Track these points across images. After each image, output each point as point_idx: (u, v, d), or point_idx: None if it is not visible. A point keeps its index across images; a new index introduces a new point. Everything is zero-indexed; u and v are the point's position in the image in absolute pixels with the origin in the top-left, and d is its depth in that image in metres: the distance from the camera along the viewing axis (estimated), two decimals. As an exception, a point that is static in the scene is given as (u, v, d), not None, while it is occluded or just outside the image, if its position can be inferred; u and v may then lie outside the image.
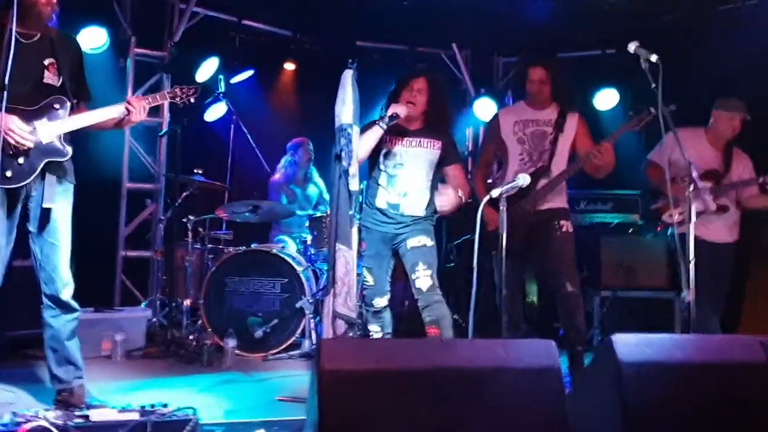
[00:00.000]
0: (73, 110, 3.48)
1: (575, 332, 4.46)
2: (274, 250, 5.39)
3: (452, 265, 6.51)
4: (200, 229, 5.86)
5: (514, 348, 2.24)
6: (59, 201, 3.44)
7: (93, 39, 5.85)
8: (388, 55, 7.29)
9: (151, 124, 6.35)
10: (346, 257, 3.78)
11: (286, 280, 5.29)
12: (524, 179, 3.54)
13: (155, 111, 6.29)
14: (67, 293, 3.50)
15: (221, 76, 5.79)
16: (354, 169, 3.83)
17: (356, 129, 3.88)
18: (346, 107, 3.84)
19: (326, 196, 6.75)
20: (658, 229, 5.77)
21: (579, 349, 4.48)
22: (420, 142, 4.23)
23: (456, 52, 7.47)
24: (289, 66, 7.20)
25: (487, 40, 7.29)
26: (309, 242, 5.74)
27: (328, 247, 3.98)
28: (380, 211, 4.28)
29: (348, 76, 3.88)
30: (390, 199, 4.23)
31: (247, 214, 5.60)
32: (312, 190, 6.70)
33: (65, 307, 3.51)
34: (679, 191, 4.16)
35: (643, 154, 5.17)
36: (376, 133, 4.05)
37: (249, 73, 6.76)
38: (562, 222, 4.58)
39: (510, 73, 7.68)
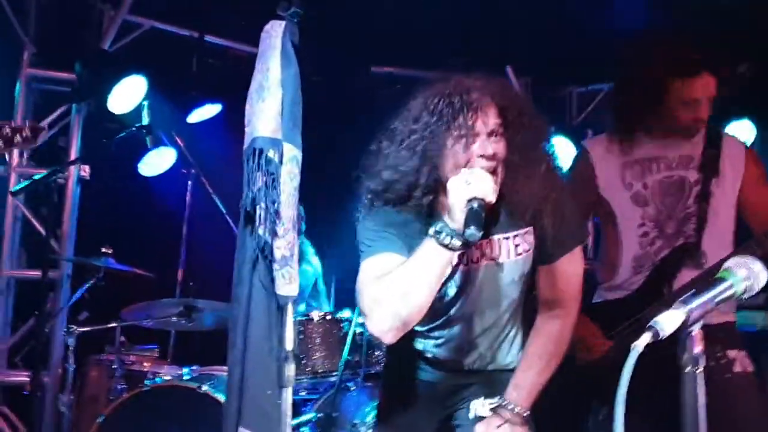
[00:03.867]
0: None
1: None
2: (204, 387, 3.12)
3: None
4: (123, 340, 3.72)
5: None
6: None
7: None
8: (416, 84, 5.30)
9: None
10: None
11: (223, 440, 2.99)
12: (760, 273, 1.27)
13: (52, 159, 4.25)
14: None
15: (145, 102, 3.75)
16: (284, 246, 1.60)
17: (293, 152, 1.66)
18: (267, 103, 1.64)
19: (322, 286, 4.65)
20: None
21: None
22: (492, 246, 1.89)
23: (512, 80, 5.53)
24: None
25: (554, 63, 5.49)
26: None
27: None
28: (422, 357, 2.08)
29: (275, 36, 1.70)
30: (439, 353, 2.05)
31: (174, 319, 3.42)
32: (303, 274, 4.56)
33: None
34: None
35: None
36: (440, 261, 1.69)
37: (214, 109, 4.75)
38: (731, 353, 2.38)
39: (589, 107, 5.63)
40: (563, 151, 5.14)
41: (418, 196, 1.78)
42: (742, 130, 4.74)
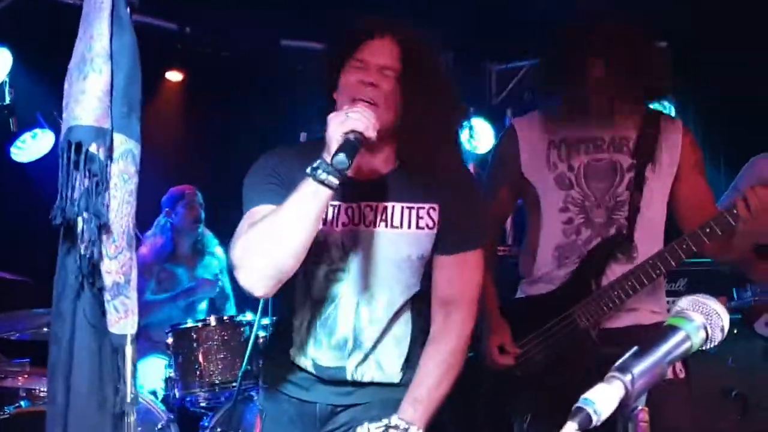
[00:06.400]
0: None
1: None
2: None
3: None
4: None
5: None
6: None
7: None
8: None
9: None
10: None
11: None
12: (721, 315, 0.98)
13: None
14: None
15: (6, 80, 3.25)
16: (117, 269, 1.22)
17: (126, 146, 1.28)
18: (90, 81, 1.25)
19: (227, 281, 4.28)
20: None
21: None
22: (389, 210, 1.73)
23: None
24: (174, 76, 4.92)
25: (473, 39, 5.18)
26: (172, 376, 3.17)
27: None
28: (299, 367, 1.79)
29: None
30: (318, 355, 1.77)
31: (45, 330, 3.00)
32: (206, 269, 4.18)
33: None
34: None
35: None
36: (316, 201, 1.54)
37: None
38: None
39: (510, 85, 5.43)
40: (482, 132, 4.91)
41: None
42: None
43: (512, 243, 4.25)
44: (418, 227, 1.72)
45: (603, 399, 0.78)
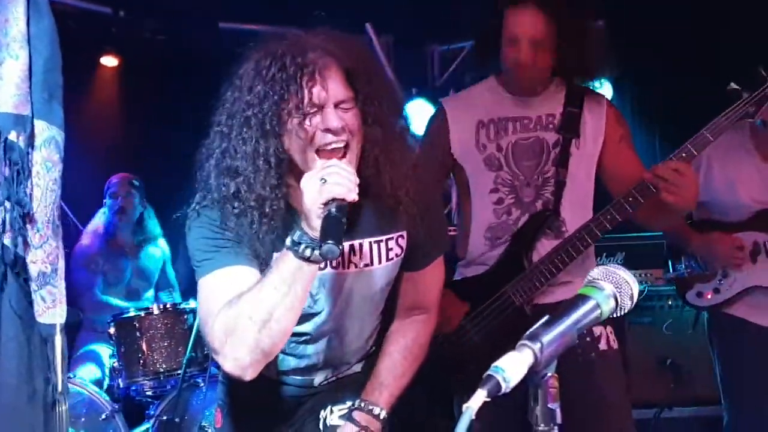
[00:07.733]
0: None
1: None
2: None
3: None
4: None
5: None
6: None
7: None
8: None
9: None
10: None
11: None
12: (631, 284, 1.01)
13: None
14: None
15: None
16: (42, 258, 1.21)
17: (49, 133, 1.25)
18: (7, 67, 1.22)
19: (172, 272, 4.22)
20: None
21: None
22: (357, 249, 1.58)
23: (372, 38, 5.24)
24: (109, 61, 4.84)
25: (415, 20, 5.19)
26: (116, 366, 3.13)
27: None
28: (264, 377, 1.67)
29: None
30: (284, 370, 1.75)
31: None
32: (150, 258, 4.12)
33: None
34: (717, 248, 2.58)
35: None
36: (302, 278, 1.39)
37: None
38: (598, 330, 2.21)
39: (452, 66, 5.45)
40: (425, 114, 4.92)
41: (264, 190, 1.43)
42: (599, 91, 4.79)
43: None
44: (388, 259, 1.61)
45: (512, 366, 0.81)
